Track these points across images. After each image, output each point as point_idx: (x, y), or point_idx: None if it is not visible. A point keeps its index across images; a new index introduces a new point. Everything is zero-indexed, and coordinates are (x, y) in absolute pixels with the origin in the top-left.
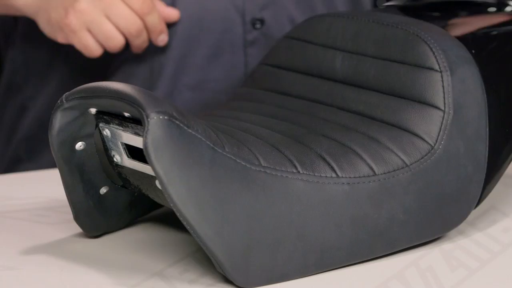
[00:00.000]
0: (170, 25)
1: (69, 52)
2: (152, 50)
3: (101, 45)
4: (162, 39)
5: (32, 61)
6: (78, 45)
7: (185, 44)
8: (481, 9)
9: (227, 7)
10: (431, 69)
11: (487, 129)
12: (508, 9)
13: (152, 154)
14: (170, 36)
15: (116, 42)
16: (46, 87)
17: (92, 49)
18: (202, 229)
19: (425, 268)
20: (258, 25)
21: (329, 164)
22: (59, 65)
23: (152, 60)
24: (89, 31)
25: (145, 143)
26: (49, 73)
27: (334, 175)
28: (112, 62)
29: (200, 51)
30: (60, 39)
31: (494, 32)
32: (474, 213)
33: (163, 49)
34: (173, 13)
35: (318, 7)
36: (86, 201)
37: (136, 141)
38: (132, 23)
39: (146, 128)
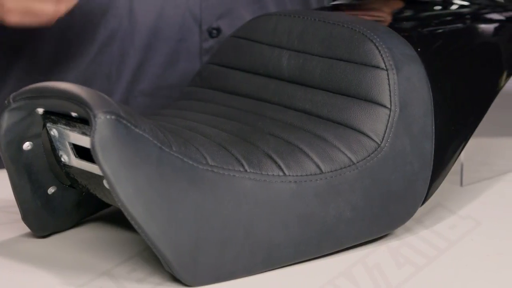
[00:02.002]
0: (128, 34)
1: (26, 55)
2: (110, 56)
3: None
4: None
5: None
6: None
7: (143, 52)
8: (427, 8)
9: (185, 16)
10: (377, 67)
11: (433, 127)
12: (453, 7)
13: (99, 153)
14: (128, 44)
15: None
16: (2, 90)
17: None
18: (150, 228)
19: (372, 266)
20: (214, 34)
21: (276, 163)
22: (17, 68)
23: (109, 67)
24: None
25: (92, 143)
26: (6, 76)
27: (281, 173)
28: (70, 67)
29: (156, 59)
30: None
31: (440, 30)
32: (420, 210)
33: (121, 56)
34: None
35: None
36: (34, 201)
37: (84, 141)
38: None
39: (93, 128)
